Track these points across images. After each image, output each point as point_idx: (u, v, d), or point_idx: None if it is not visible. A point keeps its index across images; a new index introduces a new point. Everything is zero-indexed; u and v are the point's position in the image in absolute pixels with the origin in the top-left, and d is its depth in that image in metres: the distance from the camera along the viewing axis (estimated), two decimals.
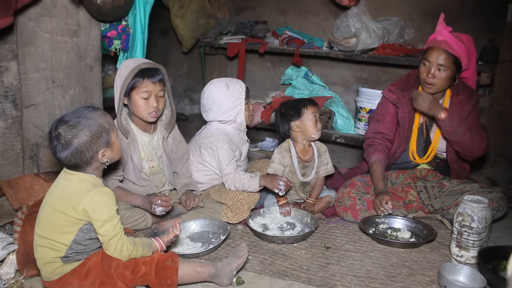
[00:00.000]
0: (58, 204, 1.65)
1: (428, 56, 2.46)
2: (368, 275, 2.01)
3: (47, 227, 1.67)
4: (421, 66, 2.51)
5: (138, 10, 2.72)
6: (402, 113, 2.60)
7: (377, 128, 2.68)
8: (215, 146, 2.49)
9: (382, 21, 3.66)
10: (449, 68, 2.43)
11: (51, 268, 1.69)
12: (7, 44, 2.22)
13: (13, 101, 2.29)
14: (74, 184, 1.67)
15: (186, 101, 4.93)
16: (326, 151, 2.68)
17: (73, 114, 1.67)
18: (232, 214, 2.42)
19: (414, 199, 2.57)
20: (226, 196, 2.44)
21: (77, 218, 1.64)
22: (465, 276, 1.94)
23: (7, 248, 1.87)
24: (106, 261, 1.68)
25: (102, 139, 1.67)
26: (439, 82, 2.46)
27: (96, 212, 1.63)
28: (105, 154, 1.69)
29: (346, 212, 2.54)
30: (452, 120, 2.41)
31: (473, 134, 2.45)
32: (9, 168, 2.32)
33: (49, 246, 1.67)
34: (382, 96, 2.74)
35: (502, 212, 2.45)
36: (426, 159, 2.65)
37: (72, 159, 1.64)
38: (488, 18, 3.39)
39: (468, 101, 2.54)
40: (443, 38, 2.44)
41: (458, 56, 2.42)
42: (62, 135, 1.63)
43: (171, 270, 1.73)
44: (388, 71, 3.87)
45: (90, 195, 1.63)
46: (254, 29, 4.21)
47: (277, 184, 2.39)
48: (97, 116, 1.68)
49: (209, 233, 2.33)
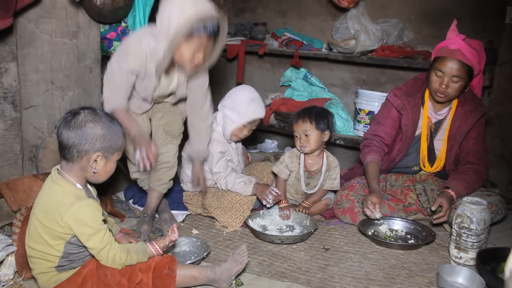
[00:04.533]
0: (42, 217, 1.61)
1: (441, 66, 2.38)
2: (367, 277, 2.01)
3: (36, 239, 1.64)
4: (432, 75, 2.43)
5: (137, 11, 2.72)
6: (406, 120, 2.55)
7: (376, 131, 2.64)
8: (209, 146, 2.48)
9: (381, 23, 3.67)
10: (463, 79, 2.37)
11: (46, 277, 1.68)
12: (7, 46, 2.22)
13: (13, 103, 2.29)
14: (57, 195, 1.61)
15: None
16: (337, 166, 2.61)
17: (105, 112, 1.70)
18: (232, 219, 2.42)
19: (413, 202, 2.57)
20: (223, 199, 2.44)
21: (61, 232, 1.59)
22: (464, 278, 1.94)
23: (6, 250, 1.87)
24: (101, 269, 1.65)
25: (108, 145, 1.63)
26: (452, 92, 2.40)
27: (80, 227, 1.58)
28: (97, 160, 1.64)
29: (345, 215, 2.54)
30: (459, 191, 2.35)
31: (476, 182, 2.41)
32: (8, 169, 2.32)
33: (41, 257, 1.64)
34: (386, 99, 2.68)
35: (501, 215, 2.44)
36: (436, 169, 2.59)
37: (71, 140, 1.58)
38: (486, 20, 3.39)
39: (473, 113, 2.47)
40: (457, 47, 2.35)
41: (471, 65, 2.36)
42: (84, 114, 1.61)
43: (169, 278, 1.70)
44: (387, 73, 3.87)
45: (72, 209, 1.57)
46: (254, 30, 4.21)
47: (266, 196, 2.39)
48: (120, 130, 1.69)
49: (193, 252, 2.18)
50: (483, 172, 2.46)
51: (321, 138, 2.48)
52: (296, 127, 2.50)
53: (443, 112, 2.55)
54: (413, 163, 2.64)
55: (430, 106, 2.57)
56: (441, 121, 2.57)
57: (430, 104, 2.57)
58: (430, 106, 2.57)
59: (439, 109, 2.55)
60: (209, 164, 2.51)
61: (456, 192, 2.34)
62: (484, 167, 2.47)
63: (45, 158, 2.42)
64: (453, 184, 2.37)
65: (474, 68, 2.38)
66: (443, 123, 2.57)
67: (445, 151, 2.55)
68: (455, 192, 2.34)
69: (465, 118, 2.48)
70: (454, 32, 2.42)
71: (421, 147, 2.59)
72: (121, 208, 2.58)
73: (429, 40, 3.64)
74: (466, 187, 2.35)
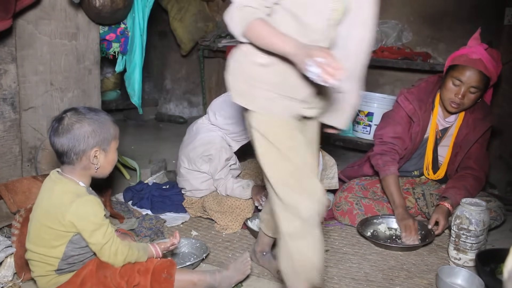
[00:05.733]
0: (43, 218, 1.62)
1: (460, 75, 2.28)
2: (366, 278, 2.01)
3: (36, 242, 1.64)
4: (448, 82, 2.33)
5: (137, 13, 2.72)
6: (416, 127, 2.45)
7: (397, 133, 2.45)
8: (211, 154, 2.47)
9: (380, 24, 3.67)
10: (480, 90, 2.30)
11: (45, 280, 1.67)
12: (6, 47, 2.22)
13: (12, 104, 2.29)
14: (57, 195, 1.62)
15: (184, 103, 4.93)
16: (334, 165, 2.58)
17: (87, 108, 1.69)
18: (232, 222, 2.42)
19: (412, 206, 2.56)
20: (224, 204, 2.44)
21: (64, 231, 1.60)
22: (463, 279, 1.94)
23: (5, 251, 1.87)
24: (101, 270, 1.64)
25: (102, 139, 1.64)
26: (467, 103, 2.33)
27: (82, 223, 1.58)
28: (98, 155, 1.65)
29: (344, 217, 2.53)
30: (457, 201, 2.26)
31: (474, 189, 2.37)
32: (7, 171, 2.31)
33: (41, 260, 1.64)
34: (396, 102, 2.53)
35: (499, 221, 2.43)
36: (438, 177, 2.56)
37: (65, 145, 1.60)
38: (485, 22, 3.39)
39: (482, 122, 2.41)
40: (479, 57, 2.25)
41: (490, 76, 2.29)
42: (68, 117, 1.62)
43: (167, 283, 1.67)
44: (386, 74, 3.88)
45: (74, 206, 1.57)
46: None
47: (260, 198, 2.38)
48: (108, 119, 1.69)
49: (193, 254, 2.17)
50: (482, 179, 2.44)
51: None
52: None
53: (451, 120, 2.50)
54: (413, 168, 2.62)
55: (439, 113, 2.50)
56: (447, 128, 2.52)
57: (440, 110, 2.49)
58: (440, 112, 2.50)
59: (448, 116, 2.49)
60: (212, 169, 2.50)
61: (453, 203, 2.29)
62: (483, 174, 2.45)
63: (44, 159, 2.42)
64: (451, 193, 2.32)
65: (492, 78, 2.32)
66: (449, 129, 2.52)
67: (449, 157, 2.51)
68: (453, 204, 2.29)
69: (473, 126, 2.42)
70: (476, 41, 2.32)
71: (426, 154, 2.53)
72: (120, 210, 2.58)
73: (428, 41, 3.65)
74: (465, 195, 2.29)
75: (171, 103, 4.99)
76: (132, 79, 2.83)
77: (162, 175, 3.07)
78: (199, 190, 2.55)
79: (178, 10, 4.35)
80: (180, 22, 4.36)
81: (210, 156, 2.47)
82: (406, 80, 3.79)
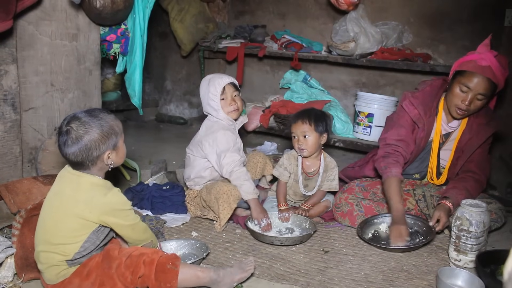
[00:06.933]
0: (71, 208, 1.66)
1: (468, 81, 2.23)
2: (366, 279, 2.01)
3: (56, 233, 1.67)
4: (455, 88, 2.29)
5: (137, 14, 2.73)
6: (421, 132, 2.43)
7: (401, 135, 2.43)
8: (215, 134, 2.47)
9: (381, 25, 3.68)
10: (487, 97, 2.27)
11: (55, 271, 1.69)
12: (7, 48, 2.23)
13: (12, 105, 2.29)
14: (87, 188, 1.69)
15: (185, 104, 4.93)
16: (334, 167, 2.59)
17: (86, 112, 1.71)
18: (220, 210, 2.38)
19: (412, 207, 2.55)
20: (213, 190, 2.42)
21: (92, 221, 1.67)
22: (463, 280, 1.94)
23: (5, 252, 1.87)
24: (107, 261, 1.69)
25: (111, 141, 1.71)
26: (473, 109, 2.30)
27: (118, 211, 1.72)
28: (110, 156, 1.73)
29: (344, 218, 2.53)
30: (458, 201, 2.23)
31: (475, 191, 2.36)
32: (7, 171, 2.32)
33: (56, 251, 1.67)
34: (400, 106, 2.50)
35: (500, 223, 2.43)
36: (441, 182, 2.54)
37: (79, 156, 1.66)
38: (486, 23, 3.40)
39: (486, 127, 2.39)
40: (488, 64, 2.20)
41: (498, 83, 2.24)
42: (74, 129, 1.65)
43: (171, 273, 1.72)
44: (386, 75, 3.88)
45: (108, 197, 1.69)
46: (253, 33, 4.22)
47: (260, 220, 2.36)
48: (110, 118, 1.73)
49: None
50: (483, 182, 2.43)
51: (319, 141, 2.48)
52: (295, 128, 2.50)
53: (454, 125, 2.48)
54: (414, 171, 2.61)
55: (443, 118, 2.47)
56: (450, 132, 2.50)
57: (443, 115, 2.47)
58: (443, 117, 2.47)
59: (451, 121, 2.47)
60: (221, 146, 2.47)
61: (454, 203, 2.28)
62: (484, 177, 2.44)
63: (45, 160, 2.43)
64: (452, 194, 2.32)
65: (499, 86, 2.28)
66: (452, 133, 2.50)
67: (450, 161, 2.50)
68: (454, 203, 2.29)
69: (477, 131, 2.40)
70: (486, 47, 2.28)
71: (430, 161, 2.52)
72: None
73: (428, 42, 3.65)
74: (466, 196, 2.28)
75: (172, 104, 4.99)
76: (132, 80, 2.84)
77: (162, 176, 3.07)
78: (202, 177, 2.55)
79: (178, 11, 4.36)
80: (180, 23, 4.37)
81: (214, 136, 2.47)
82: (406, 81, 3.80)
